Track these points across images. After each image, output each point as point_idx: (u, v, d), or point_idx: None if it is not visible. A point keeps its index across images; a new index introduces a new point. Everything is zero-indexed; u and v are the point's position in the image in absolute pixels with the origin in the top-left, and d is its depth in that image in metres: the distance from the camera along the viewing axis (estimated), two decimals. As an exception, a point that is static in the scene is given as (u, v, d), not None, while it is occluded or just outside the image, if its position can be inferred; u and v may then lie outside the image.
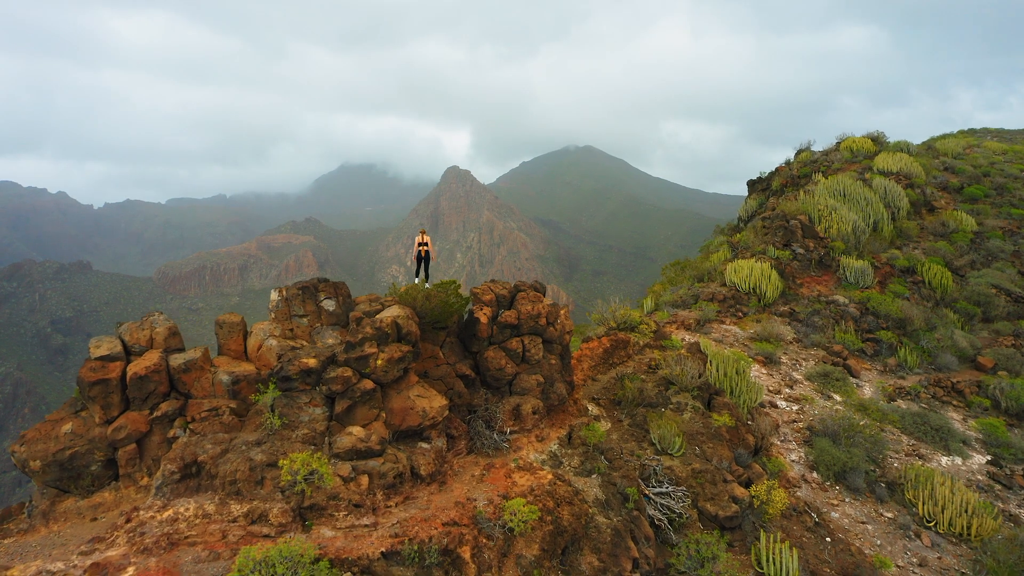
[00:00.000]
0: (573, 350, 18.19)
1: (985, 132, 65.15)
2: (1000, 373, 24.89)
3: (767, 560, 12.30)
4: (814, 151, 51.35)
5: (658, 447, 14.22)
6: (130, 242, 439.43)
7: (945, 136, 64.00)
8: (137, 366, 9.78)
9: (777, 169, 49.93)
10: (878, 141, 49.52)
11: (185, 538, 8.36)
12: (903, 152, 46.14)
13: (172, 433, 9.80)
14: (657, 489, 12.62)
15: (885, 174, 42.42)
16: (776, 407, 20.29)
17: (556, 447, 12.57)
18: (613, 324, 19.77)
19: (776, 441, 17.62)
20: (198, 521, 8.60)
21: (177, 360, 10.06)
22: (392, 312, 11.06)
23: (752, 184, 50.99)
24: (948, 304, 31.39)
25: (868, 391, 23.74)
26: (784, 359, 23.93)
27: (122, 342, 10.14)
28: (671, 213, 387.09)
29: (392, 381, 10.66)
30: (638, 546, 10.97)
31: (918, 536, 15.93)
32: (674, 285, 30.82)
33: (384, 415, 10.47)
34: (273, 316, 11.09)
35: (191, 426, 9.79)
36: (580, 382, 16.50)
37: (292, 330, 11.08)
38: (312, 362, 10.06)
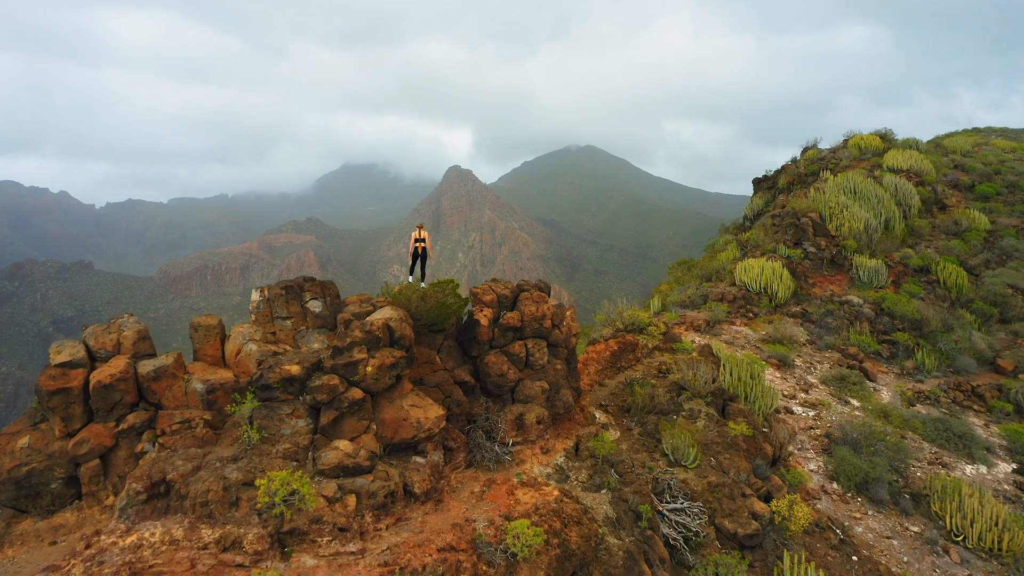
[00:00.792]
0: (579, 353, 17.26)
1: (989, 131, 64.17)
2: (1021, 376, 23.92)
3: (792, 583, 11.36)
4: (821, 148, 50.36)
5: (671, 458, 13.29)
6: (132, 242, 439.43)
7: (953, 134, 63.00)
8: (101, 374, 8.85)
9: (783, 167, 48.99)
10: (886, 138, 48.53)
11: (149, 567, 7.44)
12: (913, 149, 45.14)
13: (140, 448, 8.88)
14: (671, 505, 11.69)
15: (895, 171, 41.40)
16: (792, 413, 19.33)
17: (562, 459, 11.63)
18: (620, 326, 18.83)
19: (793, 449, 16.66)
20: (164, 548, 7.68)
21: (146, 367, 9.13)
22: (384, 314, 10.13)
23: (758, 182, 50.01)
24: (964, 304, 30.39)
25: (886, 395, 22.76)
26: (798, 362, 22.96)
27: (86, 347, 9.22)
28: (673, 213, 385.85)
29: (383, 390, 9.73)
30: (652, 570, 10.04)
31: (946, 552, 14.96)
32: (681, 285, 29.85)
33: (375, 427, 9.54)
34: (254, 318, 10.16)
35: (161, 440, 8.87)
36: (586, 387, 15.56)
37: (274, 334, 10.15)
38: (295, 369, 9.13)
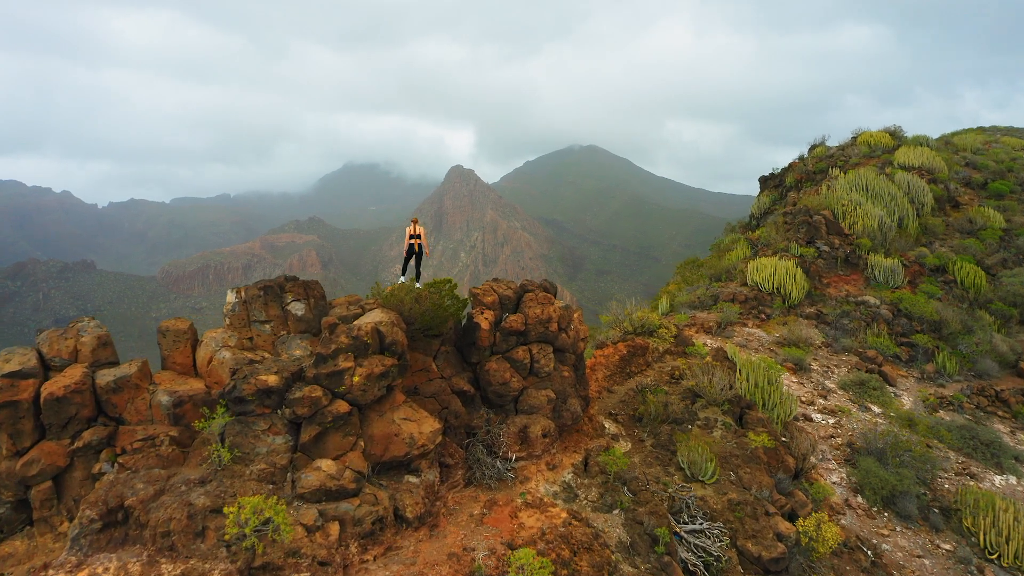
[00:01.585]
0: (586, 358, 16.24)
1: (995, 129, 63.30)
2: (1048, 381, 22.84)
3: (823, 614, 10.34)
4: (829, 146, 49.36)
5: (687, 472, 12.27)
6: (134, 241, 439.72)
7: (962, 132, 62.09)
8: (54, 385, 7.87)
9: (791, 164, 48.06)
10: (896, 136, 47.54)
11: (100, 609, 6.47)
12: (924, 146, 44.09)
13: (97, 468, 7.90)
14: (690, 526, 10.68)
15: (906, 169, 40.34)
16: (810, 420, 18.28)
17: (570, 476, 10.62)
18: (629, 328, 17.81)
19: (815, 461, 15.63)
20: (118, 586, 6.70)
21: (106, 377, 8.15)
22: (373, 317, 9.13)
23: (764, 180, 49.03)
24: (982, 305, 29.29)
25: (907, 401, 21.70)
26: (814, 366, 21.90)
27: (39, 355, 8.24)
28: (675, 212, 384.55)
29: (372, 402, 8.73)
30: (671, 601, 9.04)
31: (981, 572, 13.93)
32: (690, 285, 28.80)
33: (362, 444, 8.54)
34: (228, 322, 9.17)
35: (121, 460, 7.88)
36: (594, 394, 14.55)
37: (251, 339, 9.15)
38: (272, 379, 8.14)
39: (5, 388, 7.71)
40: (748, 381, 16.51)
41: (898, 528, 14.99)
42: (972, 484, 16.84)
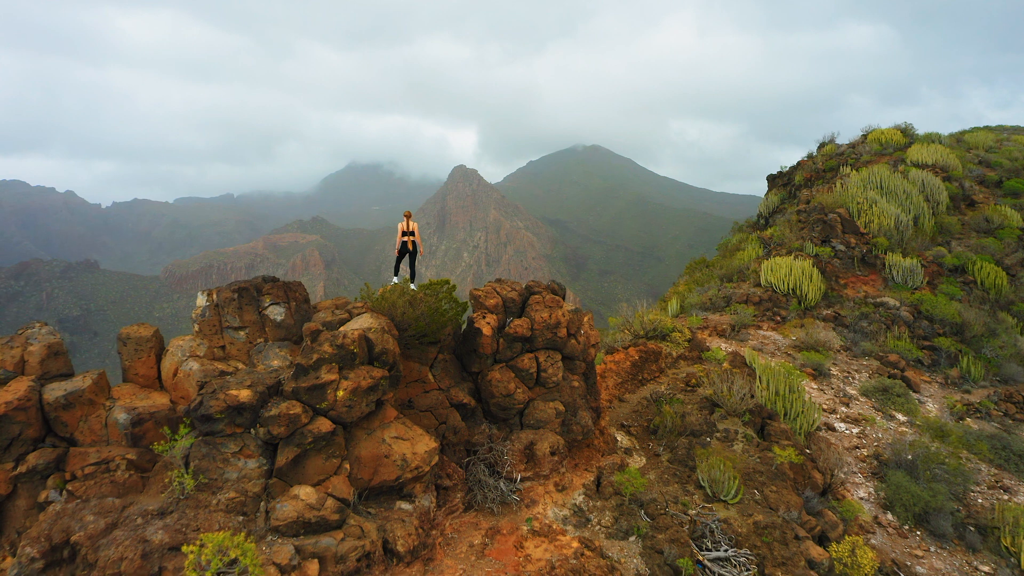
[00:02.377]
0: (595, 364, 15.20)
1: (1001, 128, 62.40)
2: (1080, 387, 21.70)
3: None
4: (839, 144, 48.33)
5: (708, 491, 11.24)
6: (138, 241, 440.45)
7: (974, 129, 61.22)
8: (-5, 401, 6.89)
9: (800, 163, 47.11)
10: (907, 133, 46.52)
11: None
12: (936, 144, 42.99)
13: (44, 496, 6.91)
14: (714, 554, 9.65)
15: (920, 166, 39.26)
16: (833, 430, 17.18)
17: (581, 498, 9.59)
18: (640, 332, 16.76)
19: (843, 476, 14.56)
20: (57, 640, 5.71)
21: (55, 392, 7.16)
22: (361, 324, 8.11)
23: (773, 179, 48.04)
24: (1004, 307, 28.16)
25: (932, 408, 20.58)
26: (834, 371, 20.79)
27: (-20, 366, 7.26)
28: (679, 212, 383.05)
29: (360, 419, 7.72)
30: (696, 643, 8.02)
31: (1024, 597, 12.81)
32: (701, 285, 27.71)
33: (347, 467, 7.53)
34: (198, 328, 8.17)
35: (70, 487, 6.89)
36: (605, 404, 13.52)
37: (224, 348, 8.16)
38: (245, 394, 7.13)
39: (-62, 405, 6.73)
40: (768, 389, 15.46)
41: (932, 548, 13.89)
42: (1007, 499, 15.74)
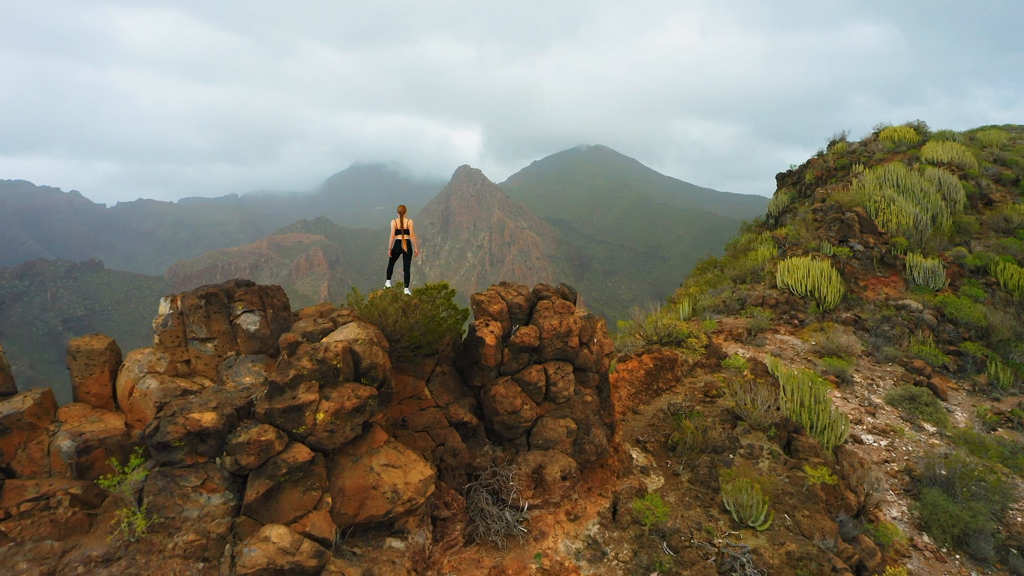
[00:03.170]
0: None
1: (1010, 128, 61.43)
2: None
3: None
4: (850, 142, 47.30)
5: (734, 516, 10.20)
6: (142, 241, 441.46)
7: (985, 128, 60.29)
8: (-85, 426, 5.89)
9: (810, 161, 46.16)
10: (920, 130, 45.49)
11: None
12: (951, 141, 41.87)
13: (-27, 538, 5.90)
14: (744, 591, 8.61)
15: (935, 164, 38.16)
16: (860, 443, 16.08)
17: (596, 528, 8.55)
18: (654, 337, 15.70)
19: (878, 495, 13.47)
20: None
21: (-12, 415, 6.17)
22: (347, 334, 7.09)
23: (782, 177, 47.08)
24: (1028, 309, 26.97)
25: (961, 417, 19.45)
26: (857, 377, 19.67)
27: (-97, 385, 6.28)
28: (683, 212, 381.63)
29: (344, 444, 6.70)
30: None
31: (1077, 630, 11.68)
32: (713, 287, 26.60)
33: (329, 500, 6.51)
34: (158, 340, 7.15)
35: (4, 526, 5.89)
36: (618, 417, 12.47)
37: (189, 362, 7.15)
38: (209, 418, 6.11)
39: None
40: (793, 399, 14.37)
41: (973, 574, 12.80)
42: (1051, 519, 14.61)
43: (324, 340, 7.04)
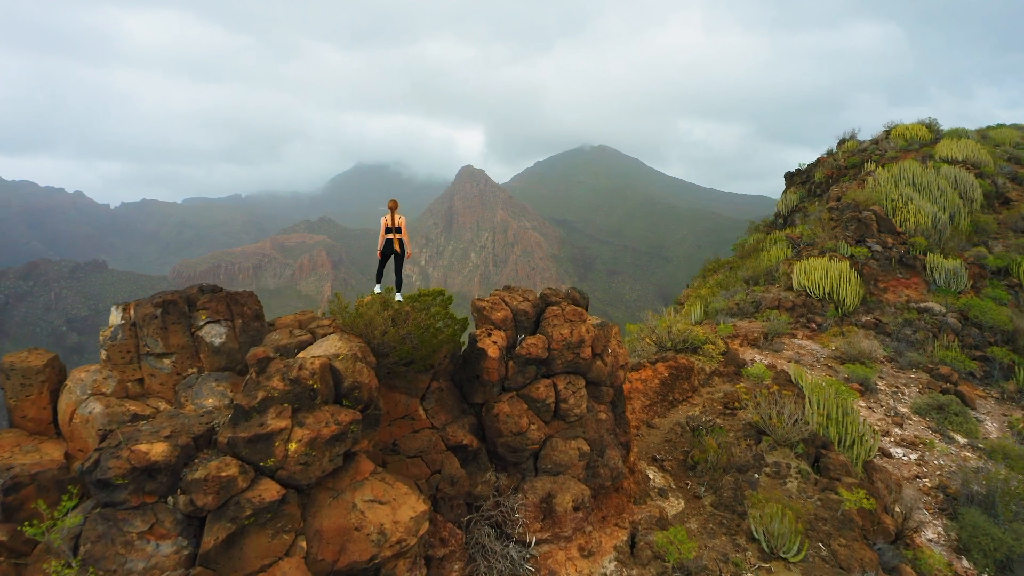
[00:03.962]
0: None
1: (1019, 127, 60.41)
2: None
3: None
4: (860, 140, 46.33)
5: (763, 545, 9.20)
6: (146, 241, 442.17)
7: (997, 126, 59.29)
8: None
9: (819, 159, 45.26)
10: (932, 128, 44.50)
11: None
12: (965, 139, 40.81)
13: None
14: (781, 638, 7.62)
15: (950, 162, 37.13)
16: (889, 456, 15.03)
17: (612, 566, 7.56)
18: (668, 343, 14.68)
19: (914, 516, 12.42)
20: None
21: (-102, 446, 5.21)
22: (327, 348, 6.11)
23: (791, 176, 46.15)
24: (1053, 312, 25.86)
25: (991, 427, 18.34)
26: (881, 385, 18.60)
27: None
28: (687, 212, 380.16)
29: (321, 479, 5.72)
30: None
31: None
32: (726, 289, 25.56)
33: (303, 545, 5.52)
34: (106, 356, 6.18)
35: (-89, 581, 4.94)
36: (633, 433, 11.47)
37: (142, 381, 6.18)
38: (159, 450, 5.13)
39: None
40: (818, 410, 13.34)
41: (1020, 604, 11.75)
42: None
43: (300, 355, 6.05)
